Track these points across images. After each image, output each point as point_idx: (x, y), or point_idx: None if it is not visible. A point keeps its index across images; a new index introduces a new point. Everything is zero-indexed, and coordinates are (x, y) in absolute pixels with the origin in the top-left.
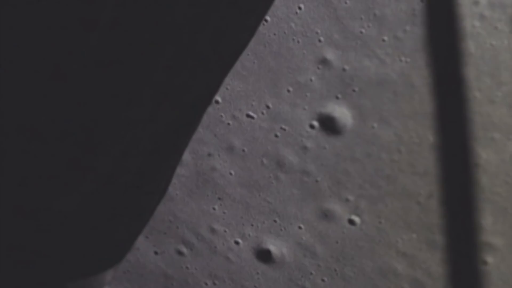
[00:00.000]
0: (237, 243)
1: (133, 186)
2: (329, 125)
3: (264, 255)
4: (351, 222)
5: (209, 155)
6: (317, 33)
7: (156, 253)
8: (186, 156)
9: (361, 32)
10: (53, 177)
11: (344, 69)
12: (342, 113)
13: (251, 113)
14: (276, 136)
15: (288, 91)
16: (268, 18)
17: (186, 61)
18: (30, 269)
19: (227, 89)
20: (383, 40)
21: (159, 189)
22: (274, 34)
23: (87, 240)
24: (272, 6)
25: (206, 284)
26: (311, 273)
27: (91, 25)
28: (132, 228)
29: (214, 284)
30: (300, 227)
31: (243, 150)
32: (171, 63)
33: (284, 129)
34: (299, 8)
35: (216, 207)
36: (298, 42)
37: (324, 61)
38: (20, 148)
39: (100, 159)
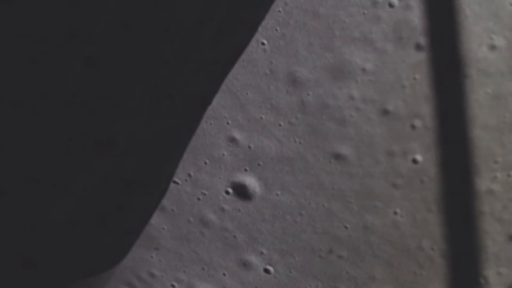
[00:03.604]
0: (173, 286)
1: (133, 186)
2: (241, 191)
3: None
4: (266, 271)
5: None
6: (225, 117)
7: None
8: None
9: (261, 118)
10: (53, 178)
11: (249, 147)
12: (251, 182)
13: (176, 180)
14: (199, 199)
15: (205, 163)
16: None
17: (186, 61)
18: (31, 270)
19: None
20: (280, 125)
21: (159, 189)
22: None
23: (87, 240)
24: None
25: None
26: None
27: (91, 25)
28: (132, 229)
29: None
30: (224, 274)
31: (172, 210)
32: (172, 63)
33: (205, 194)
34: None
35: (153, 255)
36: (211, 124)
37: (232, 140)
38: (21, 150)
39: (100, 159)
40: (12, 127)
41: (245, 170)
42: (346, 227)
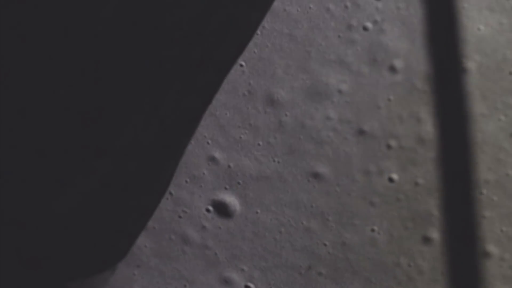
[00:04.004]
0: None
1: (133, 186)
2: (222, 209)
3: None
4: (247, 287)
5: None
6: (205, 136)
7: None
8: None
9: (240, 137)
10: (53, 178)
11: (229, 166)
12: (231, 200)
13: None
14: (180, 217)
15: (186, 181)
16: None
17: (186, 61)
18: (31, 269)
19: None
20: (259, 144)
21: (159, 189)
22: None
23: (87, 240)
24: None
25: None
26: None
27: (92, 25)
28: (132, 228)
29: None
30: None
31: (154, 228)
32: (171, 63)
33: (186, 212)
34: None
35: (135, 272)
36: (191, 143)
37: (212, 159)
38: (20, 149)
39: (100, 159)
40: (15, 126)
41: (225, 188)
42: (325, 244)
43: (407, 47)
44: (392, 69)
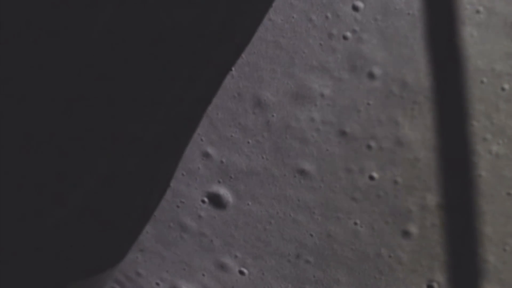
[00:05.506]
0: (157, 284)
1: (133, 186)
2: (216, 201)
3: None
4: (241, 272)
5: None
6: (199, 134)
7: None
8: None
9: (231, 136)
10: (54, 178)
11: (222, 161)
12: (224, 193)
13: None
14: (178, 207)
15: (183, 174)
16: None
17: (186, 61)
18: (31, 269)
19: None
20: (248, 142)
21: (159, 189)
22: None
23: (87, 240)
24: None
25: None
26: None
27: (90, 26)
28: (132, 228)
29: None
30: (203, 274)
31: (155, 216)
32: (171, 63)
33: (183, 202)
34: None
35: (139, 256)
36: None
37: (206, 155)
38: (22, 151)
39: (100, 159)
40: (17, 126)
41: (219, 182)
42: (311, 235)
43: (384, 55)
44: (371, 75)
